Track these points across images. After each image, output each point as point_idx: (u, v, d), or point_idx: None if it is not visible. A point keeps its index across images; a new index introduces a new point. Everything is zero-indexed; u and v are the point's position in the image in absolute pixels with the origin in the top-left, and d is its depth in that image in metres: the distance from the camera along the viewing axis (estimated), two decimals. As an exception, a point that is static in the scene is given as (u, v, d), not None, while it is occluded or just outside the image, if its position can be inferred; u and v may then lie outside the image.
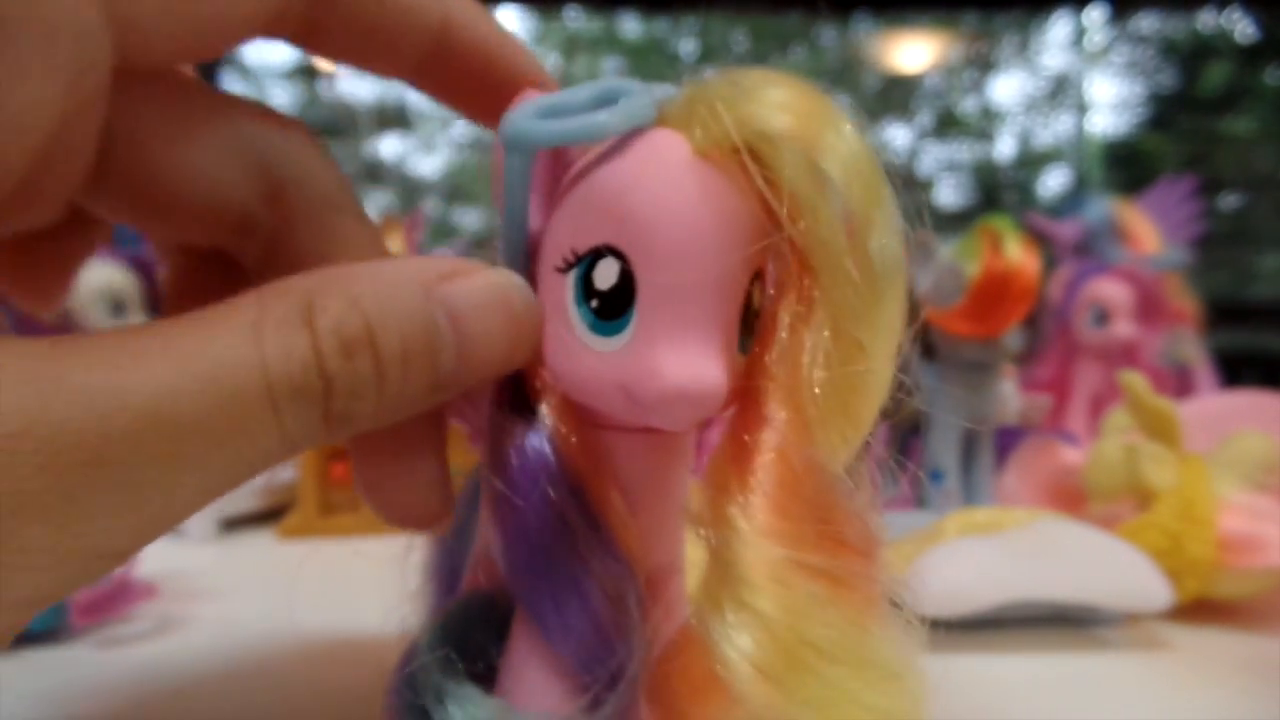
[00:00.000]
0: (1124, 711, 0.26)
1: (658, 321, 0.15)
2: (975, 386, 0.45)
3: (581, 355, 0.15)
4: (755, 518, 0.14)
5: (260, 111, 0.18)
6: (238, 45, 0.16)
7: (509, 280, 0.15)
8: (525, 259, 0.16)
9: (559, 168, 0.16)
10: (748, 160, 0.14)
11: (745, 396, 0.15)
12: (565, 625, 0.16)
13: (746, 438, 0.15)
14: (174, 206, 0.17)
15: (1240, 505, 0.33)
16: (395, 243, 0.49)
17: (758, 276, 0.16)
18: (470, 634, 0.18)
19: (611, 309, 0.15)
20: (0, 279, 0.19)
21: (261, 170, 0.17)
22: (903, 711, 0.14)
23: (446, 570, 0.21)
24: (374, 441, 0.17)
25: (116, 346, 0.12)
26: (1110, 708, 0.26)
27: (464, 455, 0.23)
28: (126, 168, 0.16)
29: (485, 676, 0.17)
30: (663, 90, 0.16)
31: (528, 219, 0.16)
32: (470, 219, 2.10)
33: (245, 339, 0.12)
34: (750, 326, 0.16)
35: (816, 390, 0.14)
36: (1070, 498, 0.40)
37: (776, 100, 0.14)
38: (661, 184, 0.15)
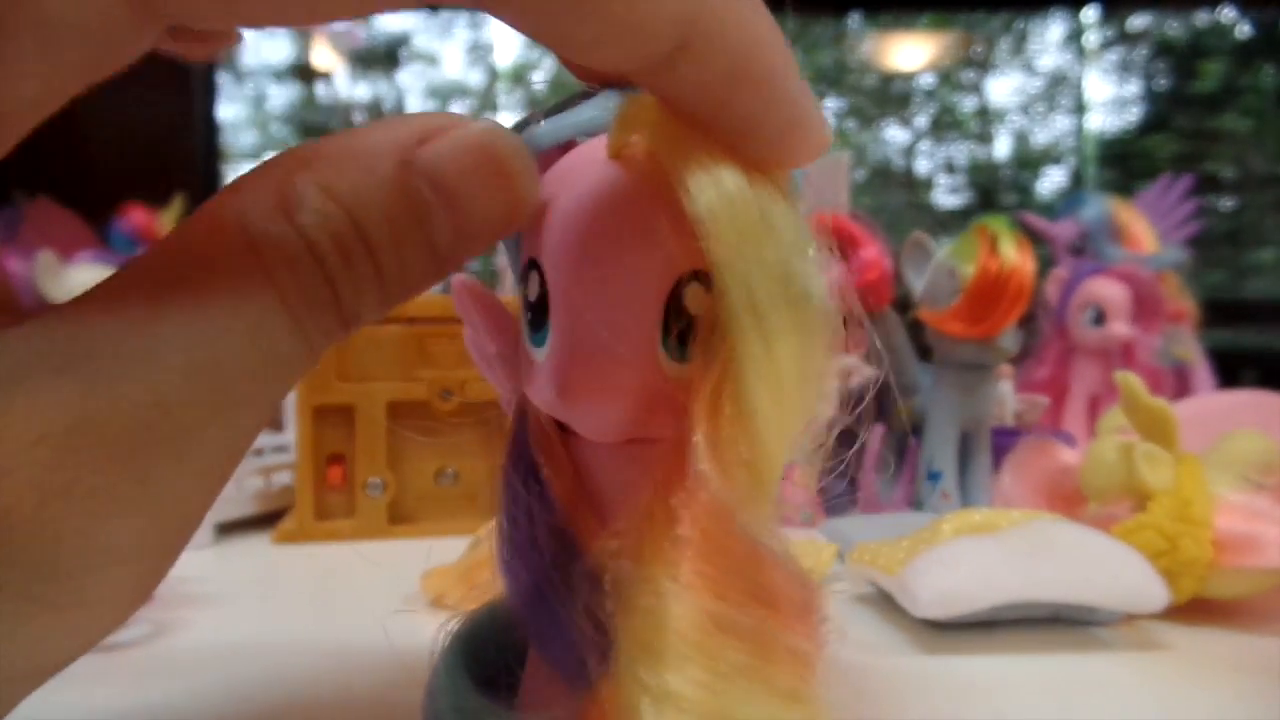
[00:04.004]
0: (1120, 711, 0.26)
1: (561, 333, 0.14)
2: (972, 387, 0.45)
3: (529, 364, 0.15)
4: (681, 570, 0.12)
5: None
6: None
7: (490, 129, 0.13)
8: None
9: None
10: (663, 164, 0.13)
11: (678, 426, 0.14)
12: (555, 654, 0.16)
13: (674, 481, 0.13)
14: None
15: (1236, 505, 0.33)
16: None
17: (698, 278, 0.14)
18: (492, 646, 0.18)
19: (537, 320, 0.15)
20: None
21: None
22: None
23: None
24: None
25: (129, 308, 0.11)
26: (1107, 708, 0.26)
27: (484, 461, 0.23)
28: None
29: (509, 689, 0.17)
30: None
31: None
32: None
33: (254, 279, 0.11)
34: (689, 333, 0.14)
35: (721, 440, 0.13)
36: (1067, 498, 0.40)
37: None
38: (564, 196, 0.14)
